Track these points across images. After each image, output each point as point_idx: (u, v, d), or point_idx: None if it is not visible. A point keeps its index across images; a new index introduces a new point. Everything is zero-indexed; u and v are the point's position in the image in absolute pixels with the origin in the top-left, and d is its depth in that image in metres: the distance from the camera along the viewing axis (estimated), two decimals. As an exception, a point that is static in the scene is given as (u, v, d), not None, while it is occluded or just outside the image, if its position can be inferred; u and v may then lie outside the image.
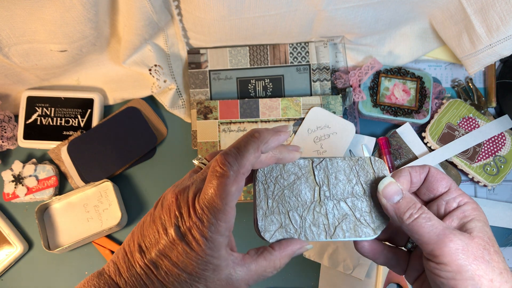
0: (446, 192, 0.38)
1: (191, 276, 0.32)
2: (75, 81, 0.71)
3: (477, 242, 0.34)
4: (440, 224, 0.35)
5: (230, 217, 0.33)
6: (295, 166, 0.39)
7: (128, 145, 0.68)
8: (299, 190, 0.39)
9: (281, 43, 0.69)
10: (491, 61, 0.63)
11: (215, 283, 0.33)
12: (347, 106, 0.69)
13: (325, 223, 0.39)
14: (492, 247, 0.35)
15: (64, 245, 0.65)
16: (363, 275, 0.66)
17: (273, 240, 0.39)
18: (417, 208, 0.36)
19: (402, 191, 0.37)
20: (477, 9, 0.60)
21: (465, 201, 0.37)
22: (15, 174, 0.67)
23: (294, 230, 0.39)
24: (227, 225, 0.33)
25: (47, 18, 0.54)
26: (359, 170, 0.40)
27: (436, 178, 0.39)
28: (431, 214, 0.36)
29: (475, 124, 0.68)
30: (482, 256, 0.34)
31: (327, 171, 0.40)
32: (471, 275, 0.33)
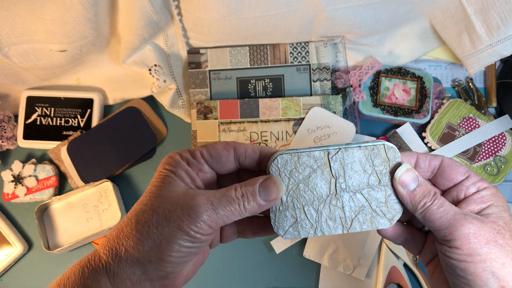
0: (465, 178, 0.38)
1: (152, 189, 0.34)
2: (75, 81, 0.71)
3: (491, 227, 0.34)
4: (452, 209, 0.35)
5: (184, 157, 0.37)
6: (310, 158, 0.37)
7: (128, 145, 0.68)
8: (315, 184, 0.38)
9: (281, 43, 0.69)
10: (492, 61, 0.63)
11: (170, 193, 0.34)
12: (347, 106, 0.69)
13: (341, 216, 0.38)
14: (509, 232, 0.34)
15: (64, 245, 0.65)
16: (363, 275, 0.66)
17: (288, 237, 0.37)
18: (431, 196, 0.36)
19: (418, 177, 0.37)
20: (477, 9, 0.60)
21: (484, 186, 0.37)
22: (15, 174, 0.67)
23: (310, 225, 0.38)
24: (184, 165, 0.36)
25: (47, 18, 0.54)
26: (374, 159, 0.38)
27: (451, 167, 0.38)
28: (443, 200, 0.36)
29: (476, 124, 0.68)
30: (495, 240, 0.34)
31: (343, 162, 0.38)
32: (483, 258, 0.33)
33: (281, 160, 0.37)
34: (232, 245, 0.69)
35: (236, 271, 0.69)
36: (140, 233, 0.32)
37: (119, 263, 0.32)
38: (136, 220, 0.33)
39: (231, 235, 0.40)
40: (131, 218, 0.33)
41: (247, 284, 0.68)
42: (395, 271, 0.66)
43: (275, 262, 0.68)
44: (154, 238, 0.32)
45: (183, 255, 0.33)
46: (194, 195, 0.33)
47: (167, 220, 0.32)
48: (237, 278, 0.68)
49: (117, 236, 0.33)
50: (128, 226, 0.33)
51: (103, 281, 0.32)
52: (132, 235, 0.32)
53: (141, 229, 0.32)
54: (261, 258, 0.69)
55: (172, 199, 0.33)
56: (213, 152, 0.37)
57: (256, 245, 0.69)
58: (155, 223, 0.32)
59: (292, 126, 0.67)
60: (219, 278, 0.69)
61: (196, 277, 0.69)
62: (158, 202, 0.33)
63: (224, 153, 0.37)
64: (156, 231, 0.32)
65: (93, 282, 0.32)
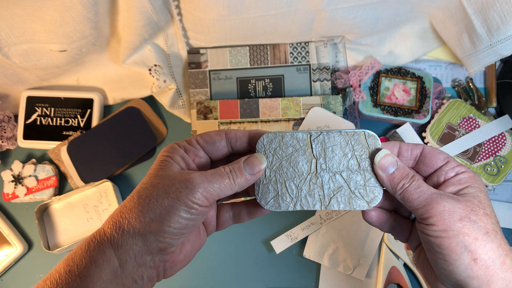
0: (444, 164, 0.40)
1: (151, 172, 0.38)
2: (75, 81, 0.71)
3: (465, 204, 0.36)
4: (429, 190, 0.38)
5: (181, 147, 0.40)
6: (293, 139, 0.41)
7: (128, 145, 0.68)
8: (297, 162, 0.41)
9: (281, 43, 0.69)
10: (492, 61, 0.63)
11: (167, 172, 0.37)
12: (347, 106, 0.69)
13: (320, 194, 0.41)
14: (483, 209, 0.36)
15: (64, 245, 0.65)
16: (363, 275, 0.66)
17: (268, 207, 0.41)
18: (409, 178, 0.38)
19: (397, 162, 0.39)
20: (477, 9, 0.60)
21: (462, 170, 0.39)
22: (15, 174, 0.67)
23: (290, 199, 0.41)
24: (180, 151, 0.39)
25: (47, 18, 0.54)
26: (354, 145, 0.41)
27: (432, 154, 0.41)
28: (421, 182, 0.38)
29: (476, 124, 0.68)
30: (468, 217, 0.36)
31: (324, 145, 0.41)
32: (456, 233, 0.35)
33: (266, 138, 0.41)
34: (232, 245, 0.69)
35: (236, 271, 0.69)
36: (142, 205, 0.35)
37: (122, 234, 0.35)
38: (137, 195, 0.36)
39: (227, 220, 0.43)
40: (133, 195, 0.37)
41: (247, 284, 0.68)
42: (395, 271, 0.66)
43: (275, 262, 0.68)
44: (154, 210, 0.35)
45: (181, 226, 0.35)
46: (189, 172, 0.37)
47: (166, 193, 0.35)
48: (237, 278, 0.68)
49: (120, 211, 0.36)
50: (131, 201, 0.36)
51: (108, 252, 0.35)
52: (134, 207, 0.36)
53: (142, 202, 0.35)
54: (261, 258, 0.69)
55: (169, 176, 0.37)
56: (207, 138, 0.41)
57: (256, 245, 0.69)
58: (155, 196, 0.35)
59: (292, 126, 0.67)
60: (219, 278, 0.69)
61: (196, 276, 0.69)
62: (157, 180, 0.36)
63: (217, 138, 0.41)
64: (157, 203, 0.35)
65: (98, 254, 0.35)
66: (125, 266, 0.35)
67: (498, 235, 0.36)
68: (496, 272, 0.35)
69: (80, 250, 0.35)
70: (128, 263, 0.35)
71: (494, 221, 0.37)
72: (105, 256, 0.34)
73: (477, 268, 0.35)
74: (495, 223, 0.37)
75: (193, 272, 0.69)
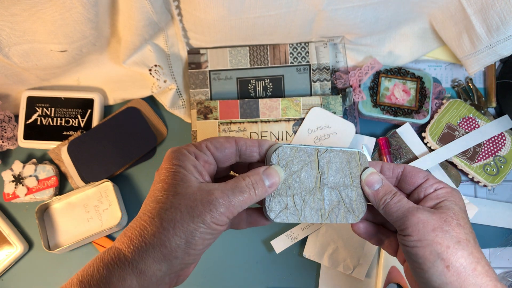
0: (424, 181, 0.43)
1: (165, 186, 0.36)
2: (75, 81, 0.71)
3: (439, 216, 0.39)
4: (408, 204, 0.40)
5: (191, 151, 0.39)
6: (304, 153, 0.42)
7: (128, 145, 0.68)
8: (304, 176, 0.42)
9: (281, 43, 0.69)
10: (491, 61, 0.63)
11: (186, 189, 0.35)
12: (347, 106, 0.69)
13: (321, 208, 0.43)
14: (456, 220, 0.39)
15: (64, 245, 0.65)
16: (363, 275, 0.66)
17: (277, 220, 0.41)
18: (391, 194, 0.41)
19: (382, 180, 0.43)
20: (477, 9, 0.60)
21: (441, 187, 0.42)
22: (15, 174, 0.67)
23: (296, 212, 0.42)
24: (190, 156, 0.38)
25: (47, 18, 0.54)
26: (350, 162, 0.44)
27: (412, 173, 0.43)
28: (402, 197, 0.41)
29: (475, 124, 0.68)
30: (441, 227, 0.38)
31: (328, 161, 0.43)
32: (429, 243, 0.38)
33: (282, 151, 0.41)
34: (232, 245, 0.69)
35: (236, 271, 0.69)
36: (167, 230, 0.34)
37: (146, 260, 0.34)
38: (159, 218, 0.34)
39: (243, 223, 0.43)
40: (153, 217, 0.35)
41: (247, 284, 0.68)
42: (395, 271, 0.66)
43: (275, 262, 0.69)
44: (180, 235, 0.34)
45: (204, 246, 0.36)
46: (210, 190, 0.36)
47: (190, 216, 0.34)
48: (237, 278, 0.69)
49: (141, 235, 0.34)
50: (153, 225, 0.34)
51: (129, 279, 0.33)
52: (158, 232, 0.34)
53: (166, 226, 0.34)
54: (261, 258, 0.69)
55: (190, 195, 0.35)
56: (217, 144, 0.40)
57: (256, 245, 0.69)
58: (179, 220, 0.34)
59: (292, 126, 0.67)
60: (219, 278, 0.69)
61: (196, 276, 0.69)
62: (177, 200, 0.35)
63: (227, 145, 0.40)
64: (182, 228, 0.34)
65: (118, 280, 0.33)
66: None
67: (470, 243, 0.38)
68: (467, 278, 0.37)
69: (98, 273, 0.33)
70: None
71: (468, 231, 0.39)
72: (125, 284, 0.33)
73: (450, 274, 0.37)
74: (468, 232, 0.39)
75: (193, 272, 0.69)
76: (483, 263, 0.38)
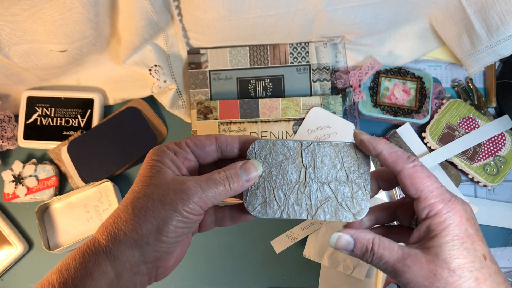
0: (417, 199, 0.37)
1: (142, 179, 0.37)
2: (75, 81, 0.71)
3: (428, 269, 0.35)
4: (391, 257, 0.36)
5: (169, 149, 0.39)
6: (284, 147, 0.41)
7: (128, 145, 0.68)
8: (286, 170, 0.41)
9: (281, 43, 0.69)
10: (491, 61, 0.63)
11: (160, 180, 0.36)
12: (347, 106, 0.69)
13: (307, 203, 0.41)
14: (447, 269, 0.34)
15: (64, 245, 0.65)
16: (363, 275, 0.66)
17: (255, 213, 0.41)
18: (369, 251, 0.37)
19: (352, 237, 0.38)
20: (477, 9, 0.60)
21: (433, 213, 0.36)
22: (15, 174, 0.67)
23: (277, 206, 0.41)
24: (168, 153, 0.39)
25: (47, 18, 0.54)
26: (343, 156, 0.41)
27: (406, 183, 0.37)
28: (382, 251, 0.37)
29: (475, 124, 0.68)
30: (431, 284, 0.34)
31: (314, 155, 0.42)
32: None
33: (258, 145, 0.41)
34: (232, 245, 0.69)
35: (236, 271, 0.69)
36: (138, 217, 0.35)
37: (119, 246, 0.35)
38: (132, 206, 0.36)
39: (209, 224, 0.43)
40: (126, 205, 0.36)
41: (247, 284, 0.68)
42: (395, 271, 0.66)
43: (275, 262, 0.69)
44: (151, 221, 0.35)
45: (177, 235, 0.36)
46: (183, 180, 0.37)
47: (162, 204, 0.35)
48: (237, 278, 0.69)
49: (114, 222, 0.36)
50: (125, 212, 0.36)
51: (104, 264, 0.34)
52: (129, 219, 0.35)
53: (138, 213, 0.35)
54: (261, 258, 0.69)
55: (163, 185, 0.36)
56: (197, 141, 0.40)
57: (256, 245, 0.69)
58: (151, 207, 0.35)
59: (292, 126, 0.67)
60: (219, 278, 0.69)
61: (196, 276, 0.69)
62: (150, 189, 0.36)
63: (207, 142, 0.40)
64: (153, 214, 0.35)
65: (94, 266, 0.34)
66: (121, 277, 0.35)
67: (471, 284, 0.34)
68: None
69: (74, 261, 0.35)
70: (124, 274, 0.35)
71: (466, 271, 0.34)
72: (101, 268, 0.34)
73: None
74: (466, 274, 0.34)
75: (193, 272, 0.69)
76: None
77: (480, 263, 0.35)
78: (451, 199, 0.36)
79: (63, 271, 0.34)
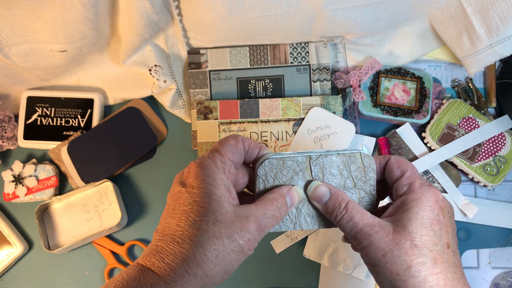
0: (400, 177, 0.40)
1: (201, 210, 0.35)
2: (75, 81, 0.71)
3: (392, 238, 0.36)
4: (361, 222, 0.38)
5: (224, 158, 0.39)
6: (294, 162, 0.42)
7: (128, 145, 0.68)
8: (296, 184, 0.42)
9: (281, 43, 0.69)
10: (491, 61, 0.63)
11: (224, 216, 0.36)
12: (347, 106, 0.69)
13: (318, 214, 0.42)
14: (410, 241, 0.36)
15: (64, 245, 0.65)
16: (363, 275, 0.66)
17: (270, 230, 0.41)
18: (341, 208, 0.39)
19: (330, 191, 0.40)
20: (477, 9, 0.60)
21: (411, 189, 0.39)
22: (15, 174, 0.67)
23: (290, 220, 0.42)
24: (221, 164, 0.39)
25: (47, 18, 0.54)
26: (350, 165, 0.42)
27: (392, 166, 0.41)
28: (354, 212, 0.38)
29: (475, 124, 0.68)
30: (391, 251, 0.36)
31: (322, 167, 0.42)
32: (381, 269, 0.36)
33: (268, 164, 0.42)
34: (232, 245, 0.69)
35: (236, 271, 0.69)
36: (211, 261, 0.35)
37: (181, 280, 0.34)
38: (203, 248, 0.35)
39: None
40: (195, 246, 0.35)
41: (247, 284, 0.68)
42: (395, 271, 0.66)
43: (275, 262, 0.69)
44: (222, 265, 0.35)
45: (236, 266, 0.37)
46: (246, 215, 0.37)
47: (231, 249, 0.35)
48: (237, 278, 0.69)
49: (183, 264, 0.34)
50: (196, 255, 0.35)
51: None
52: (202, 263, 0.35)
53: (211, 258, 0.35)
54: (261, 258, 0.69)
55: (229, 223, 0.36)
56: (233, 149, 0.40)
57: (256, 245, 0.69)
58: (222, 251, 0.35)
59: (292, 126, 0.67)
60: (219, 278, 0.69)
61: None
62: (218, 229, 0.35)
63: (239, 145, 0.41)
64: (224, 258, 0.35)
65: None
66: None
67: (425, 266, 0.35)
68: None
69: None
70: None
71: (426, 250, 0.36)
72: None
73: None
74: (426, 253, 0.36)
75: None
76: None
77: (442, 247, 0.36)
78: (431, 185, 0.39)
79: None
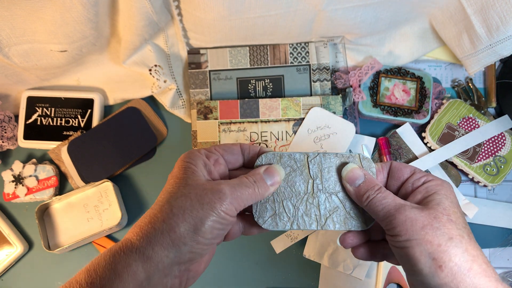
0: (411, 175, 0.41)
1: (176, 180, 0.37)
2: (75, 81, 0.71)
3: (428, 212, 0.36)
4: (394, 201, 0.38)
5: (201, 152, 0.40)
6: (291, 159, 0.42)
7: (128, 145, 0.68)
8: (294, 182, 0.42)
9: (281, 43, 0.69)
10: (491, 61, 0.63)
11: (196, 181, 0.37)
12: (347, 106, 0.69)
13: (316, 214, 0.42)
14: (446, 216, 0.36)
15: (64, 245, 0.65)
16: (363, 275, 0.66)
17: (266, 226, 0.41)
18: (375, 190, 0.39)
19: (364, 175, 0.41)
20: (477, 9, 0.60)
21: (430, 179, 0.40)
22: (15, 174, 0.67)
23: (287, 218, 0.42)
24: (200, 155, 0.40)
25: (47, 18, 0.54)
26: None
27: (398, 168, 0.42)
28: (387, 194, 0.39)
29: (475, 124, 0.68)
30: (430, 224, 0.36)
31: (320, 166, 0.42)
32: (419, 242, 0.35)
33: (265, 157, 0.42)
34: (232, 245, 0.69)
35: (236, 271, 0.69)
36: (176, 216, 0.35)
37: (154, 246, 0.34)
38: (169, 206, 0.36)
39: (237, 232, 0.43)
40: (162, 205, 0.36)
41: (247, 284, 0.68)
42: (395, 271, 0.66)
43: (275, 262, 0.69)
44: (189, 220, 0.35)
45: (212, 236, 0.36)
46: (218, 182, 0.38)
47: (200, 203, 0.35)
48: (237, 278, 0.69)
49: (150, 222, 0.35)
50: (162, 212, 0.35)
51: (134, 265, 0.34)
52: (167, 218, 0.35)
53: (176, 213, 0.35)
54: (261, 258, 0.69)
55: (199, 185, 0.37)
56: (225, 147, 0.42)
57: (256, 245, 0.69)
58: (189, 206, 0.35)
59: (292, 126, 0.67)
60: (219, 278, 0.69)
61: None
62: (187, 189, 0.36)
63: (234, 147, 0.42)
64: (191, 214, 0.35)
65: (124, 266, 0.34)
66: (151, 279, 0.34)
67: (464, 239, 0.35)
68: (463, 279, 0.34)
69: (104, 261, 0.34)
70: (155, 275, 0.34)
71: (461, 226, 0.36)
72: (131, 269, 0.33)
73: (444, 275, 0.34)
74: (461, 228, 0.36)
75: (193, 272, 0.69)
76: (480, 261, 0.35)
77: (468, 228, 0.37)
78: (441, 179, 0.40)
79: (92, 270, 0.34)
